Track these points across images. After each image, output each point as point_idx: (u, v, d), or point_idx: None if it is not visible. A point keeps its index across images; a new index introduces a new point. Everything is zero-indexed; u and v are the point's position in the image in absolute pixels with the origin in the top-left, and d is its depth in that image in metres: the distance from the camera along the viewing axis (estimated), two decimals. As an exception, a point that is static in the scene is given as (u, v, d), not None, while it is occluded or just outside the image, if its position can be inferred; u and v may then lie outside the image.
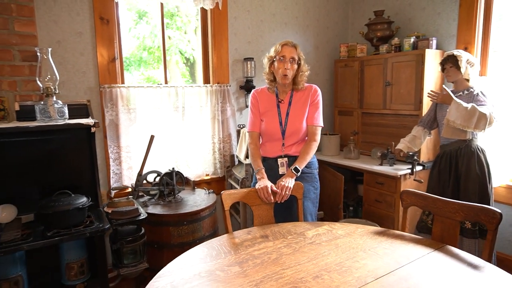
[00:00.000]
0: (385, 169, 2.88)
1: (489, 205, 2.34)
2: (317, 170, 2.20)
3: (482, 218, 1.59)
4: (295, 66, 2.02)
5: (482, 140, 2.55)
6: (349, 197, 3.50)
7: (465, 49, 2.81)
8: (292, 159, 2.07)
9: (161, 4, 2.83)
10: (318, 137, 2.12)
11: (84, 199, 1.89)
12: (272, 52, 2.05)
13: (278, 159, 2.07)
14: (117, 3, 2.59)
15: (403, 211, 1.87)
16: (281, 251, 1.54)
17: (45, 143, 2.00)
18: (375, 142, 3.29)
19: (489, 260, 1.50)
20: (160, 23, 2.93)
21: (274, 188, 1.89)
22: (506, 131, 2.66)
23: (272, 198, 1.87)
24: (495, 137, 2.69)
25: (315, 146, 2.09)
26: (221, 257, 1.49)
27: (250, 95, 2.18)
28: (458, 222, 1.68)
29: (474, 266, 1.40)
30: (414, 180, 2.80)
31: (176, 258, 1.49)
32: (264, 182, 1.90)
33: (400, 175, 2.79)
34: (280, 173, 2.05)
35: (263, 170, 2.02)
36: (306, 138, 2.15)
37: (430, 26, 3.08)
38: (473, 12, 2.75)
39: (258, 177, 2.00)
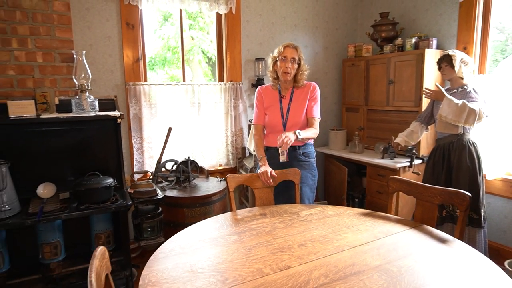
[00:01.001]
0: (386, 162, 3.06)
1: (479, 195, 2.50)
2: (315, 159, 2.43)
3: (455, 201, 1.78)
4: (296, 66, 2.26)
5: (478, 134, 2.70)
6: (354, 190, 3.69)
7: (464, 48, 2.95)
8: (291, 149, 2.31)
9: (180, 10, 3.13)
10: (317, 127, 2.34)
11: (110, 180, 2.21)
12: (275, 53, 2.30)
13: (279, 149, 2.31)
14: (141, 10, 2.91)
15: (390, 196, 2.07)
16: (276, 225, 1.80)
17: (79, 132, 2.34)
18: (379, 137, 3.47)
19: (460, 238, 1.69)
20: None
21: (274, 173, 2.15)
22: (503, 127, 2.78)
23: (271, 181, 2.13)
24: (491, 132, 2.82)
25: (314, 131, 2.30)
26: (223, 229, 1.76)
27: (256, 91, 2.45)
28: (436, 205, 1.88)
29: (444, 241, 1.60)
30: (413, 172, 2.98)
31: (186, 229, 1.77)
32: (265, 168, 2.16)
33: (399, 168, 2.97)
34: (280, 161, 2.30)
35: (265, 158, 2.28)
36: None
37: (433, 26, 3.23)
38: (472, 13, 2.89)
39: (260, 164, 2.26)
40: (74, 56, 2.21)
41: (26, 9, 2.15)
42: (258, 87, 2.46)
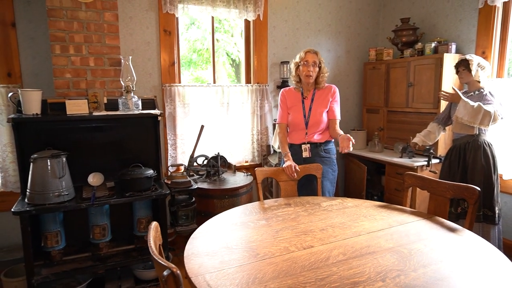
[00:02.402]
0: (404, 161, 3.21)
1: (493, 193, 2.62)
2: (335, 155, 2.63)
3: (466, 194, 1.94)
4: (317, 69, 2.47)
5: (495, 135, 2.82)
6: (374, 188, 3.84)
7: (483, 53, 3.07)
8: (313, 146, 2.52)
9: (212, 17, 3.38)
10: (338, 128, 2.54)
11: (151, 171, 2.48)
12: (297, 59, 2.52)
13: (302, 145, 2.53)
14: (177, 18, 3.19)
15: (405, 190, 2.24)
16: (299, 213, 2.01)
17: (123, 128, 2.63)
18: (399, 138, 3.61)
19: (470, 229, 1.84)
20: (210, 29, 3.49)
21: (297, 168, 2.36)
22: (519, 129, 2.88)
23: (295, 174, 2.34)
24: (509, 133, 2.92)
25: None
26: (252, 215, 1.99)
27: (280, 93, 2.67)
28: (448, 199, 2.03)
29: (454, 230, 1.76)
30: (430, 171, 3.11)
31: (219, 214, 2.01)
32: (289, 162, 2.38)
33: (417, 166, 3.11)
34: (303, 156, 2.51)
35: (289, 154, 2.50)
36: (327, 129, 2.58)
37: (452, 31, 3.35)
38: (491, 19, 3.00)
39: (285, 159, 2.48)
40: (122, 60, 2.50)
41: (81, 20, 2.46)
42: (282, 89, 2.68)
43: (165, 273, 1.09)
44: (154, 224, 1.45)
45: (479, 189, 1.88)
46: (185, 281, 1.22)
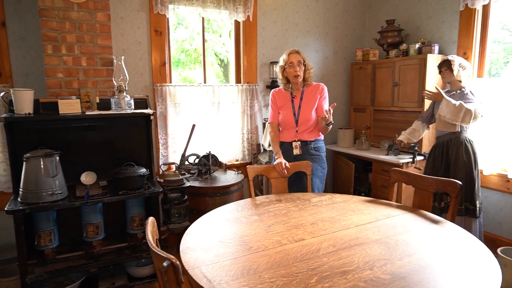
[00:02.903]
0: (390, 158, 3.32)
1: (474, 188, 2.74)
2: (325, 153, 2.70)
3: (448, 188, 2.04)
4: (303, 67, 2.55)
5: (476, 133, 2.94)
6: (361, 185, 3.95)
7: (464, 54, 3.20)
8: (303, 143, 2.59)
9: (203, 18, 3.43)
10: None
11: (144, 170, 2.51)
12: (281, 62, 2.59)
13: (293, 143, 2.60)
14: (168, 19, 3.22)
15: (391, 185, 2.33)
16: (290, 209, 2.07)
17: (116, 127, 2.66)
18: (385, 136, 3.72)
19: (452, 220, 1.94)
20: (198, 29, 3.53)
21: (287, 165, 2.43)
22: (499, 126, 3.01)
23: (285, 171, 2.41)
24: (489, 130, 3.06)
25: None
26: (244, 211, 2.05)
27: (270, 93, 2.74)
28: (431, 193, 2.13)
29: (437, 222, 1.85)
30: (415, 167, 3.22)
31: (212, 211, 2.06)
32: (280, 160, 2.45)
33: (402, 163, 3.22)
34: (294, 154, 2.58)
35: (280, 152, 2.56)
36: (317, 127, 2.66)
37: (435, 33, 3.47)
38: (471, 21, 3.13)
39: (276, 157, 2.55)
40: (114, 60, 2.53)
41: (74, 20, 2.47)
42: (272, 90, 2.75)
43: (165, 264, 1.14)
44: (151, 219, 1.49)
45: (460, 183, 1.98)
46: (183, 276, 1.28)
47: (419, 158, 3.24)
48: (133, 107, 2.57)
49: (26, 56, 2.74)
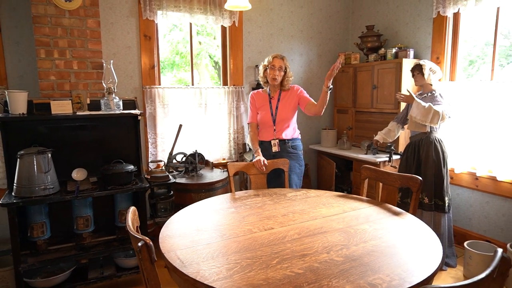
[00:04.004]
0: (368, 157, 3.50)
1: (443, 184, 2.91)
2: (302, 151, 2.88)
3: (410, 183, 2.21)
4: (282, 73, 2.72)
5: (446, 133, 3.12)
6: (344, 183, 4.12)
7: (437, 58, 3.38)
8: (281, 142, 2.77)
9: (190, 24, 3.60)
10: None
11: (131, 166, 2.68)
12: (266, 62, 2.76)
13: (272, 141, 2.78)
14: (157, 24, 3.39)
15: (362, 181, 2.50)
16: (265, 202, 2.24)
17: (106, 127, 2.82)
18: (365, 136, 3.90)
19: (413, 213, 2.10)
20: (194, 33, 3.69)
21: (266, 162, 2.60)
22: (469, 127, 3.19)
23: (264, 168, 2.58)
24: (460, 131, 3.24)
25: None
26: (223, 204, 2.21)
27: (249, 96, 2.91)
28: (396, 188, 2.31)
29: (398, 214, 2.02)
30: (391, 166, 3.40)
31: (194, 204, 2.22)
32: (259, 157, 2.62)
33: (379, 162, 3.40)
34: (273, 151, 2.76)
35: (259, 150, 2.74)
36: (294, 127, 2.83)
37: (412, 38, 3.66)
38: (443, 27, 3.32)
39: (255, 155, 2.72)
40: (104, 64, 2.69)
41: (65, 26, 2.64)
42: (251, 92, 2.93)
43: (139, 244, 1.30)
44: (132, 208, 1.65)
45: (420, 178, 2.15)
46: (161, 261, 1.44)
47: (395, 157, 3.42)
48: (121, 108, 2.73)
49: (21, 60, 2.90)
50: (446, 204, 2.93)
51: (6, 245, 2.76)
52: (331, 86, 2.62)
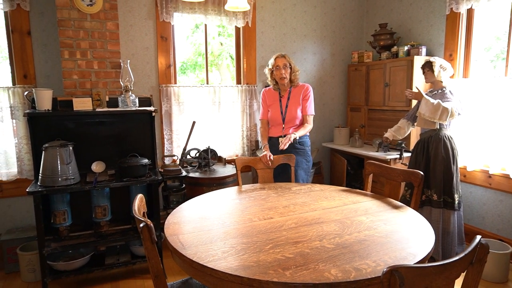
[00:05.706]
0: (379, 154, 3.51)
1: (452, 182, 2.90)
2: (309, 147, 2.95)
3: (412, 178, 2.24)
4: (289, 70, 2.81)
5: (459, 130, 3.09)
6: (356, 180, 4.14)
7: (450, 56, 3.35)
8: (289, 138, 2.85)
9: (205, 25, 3.74)
10: (310, 122, 2.89)
11: (146, 160, 2.84)
12: (269, 65, 2.86)
13: (280, 138, 2.86)
14: (173, 26, 3.55)
15: (366, 177, 2.55)
16: (270, 195, 2.33)
17: (123, 122, 3.00)
18: (378, 134, 3.91)
19: (415, 207, 2.13)
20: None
21: (272, 157, 2.69)
22: (482, 125, 3.15)
23: (270, 163, 2.67)
24: (473, 129, 3.20)
25: (308, 127, 2.87)
26: (229, 196, 2.32)
27: (261, 93, 3.01)
28: (399, 183, 2.34)
29: (398, 208, 2.06)
30: (402, 163, 3.40)
31: (201, 195, 2.34)
32: (265, 152, 2.72)
33: (390, 159, 3.40)
34: (280, 148, 2.84)
35: (268, 146, 2.83)
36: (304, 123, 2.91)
37: (425, 36, 3.64)
38: (456, 24, 3.29)
39: (263, 150, 2.81)
40: (121, 64, 2.87)
41: (87, 28, 2.84)
42: (263, 89, 3.03)
43: (141, 225, 1.43)
44: (140, 195, 1.79)
45: (422, 173, 2.18)
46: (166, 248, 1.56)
47: (406, 154, 3.42)
48: (137, 105, 2.90)
49: (48, 61, 3.13)
50: (456, 202, 2.91)
51: (32, 231, 2.99)
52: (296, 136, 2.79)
